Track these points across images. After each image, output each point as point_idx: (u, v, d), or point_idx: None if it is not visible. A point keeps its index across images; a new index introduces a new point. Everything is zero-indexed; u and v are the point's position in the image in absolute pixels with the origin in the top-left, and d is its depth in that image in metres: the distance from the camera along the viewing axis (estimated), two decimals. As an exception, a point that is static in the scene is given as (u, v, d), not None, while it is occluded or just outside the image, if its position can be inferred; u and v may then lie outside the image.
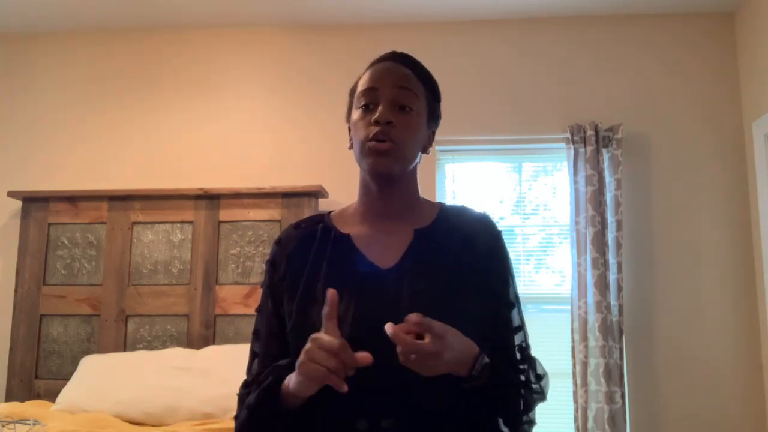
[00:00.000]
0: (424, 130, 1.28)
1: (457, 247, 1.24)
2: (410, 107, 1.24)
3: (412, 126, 1.24)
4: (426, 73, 1.32)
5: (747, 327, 3.36)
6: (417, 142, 1.26)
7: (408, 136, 1.23)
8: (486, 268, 1.24)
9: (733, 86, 3.55)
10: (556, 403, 3.41)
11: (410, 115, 1.24)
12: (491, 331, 1.22)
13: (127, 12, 3.66)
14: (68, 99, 3.83)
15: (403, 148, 1.22)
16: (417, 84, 1.27)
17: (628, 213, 3.47)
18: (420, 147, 1.29)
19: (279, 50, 3.78)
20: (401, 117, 1.22)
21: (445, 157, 3.65)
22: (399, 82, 1.25)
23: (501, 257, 1.27)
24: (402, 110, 1.23)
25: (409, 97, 1.24)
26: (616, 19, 3.65)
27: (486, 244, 1.26)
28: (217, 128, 3.72)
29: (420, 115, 1.26)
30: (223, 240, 3.46)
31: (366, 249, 1.25)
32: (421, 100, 1.26)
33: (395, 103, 1.23)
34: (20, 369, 3.42)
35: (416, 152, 1.27)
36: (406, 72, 1.28)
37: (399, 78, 1.26)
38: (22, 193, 3.55)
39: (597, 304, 3.24)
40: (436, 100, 1.32)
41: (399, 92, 1.24)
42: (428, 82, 1.31)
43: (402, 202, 1.29)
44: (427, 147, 1.32)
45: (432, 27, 3.72)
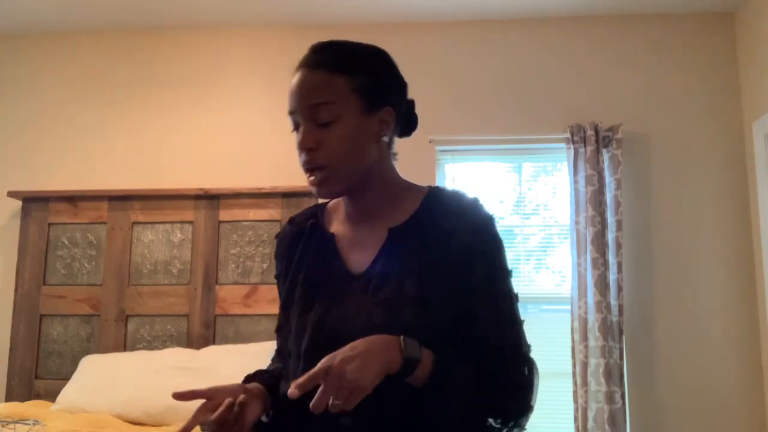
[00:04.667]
0: (364, 124, 1.15)
1: (432, 246, 1.16)
2: (331, 119, 1.13)
3: (340, 138, 1.13)
4: (347, 60, 1.17)
5: (747, 327, 3.36)
6: (355, 148, 1.15)
7: (337, 152, 1.13)
8: (463, 269, 1.15)
9: (733, 86, 3.55)
10: (556, 403, 3.41)
11: (335, 128, 1.13)
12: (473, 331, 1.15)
13: (127, 12, 3.66)
14: (68, 99, 3.83)
15: (336, 166, 1.14)
16: (335, 83, 1.14)
17: (628, 213, 3.47)
18: (366, 146, 1.16)
19: (279, 50, 3.77)
20: (325, 134, 1.13)
21: (445, 157, 3.65)
22: (309, 99, 1.14)
23: (483, 252, 1.17)
24: (324, 126, 1.13)
25: (326, 109, 1.13)
26: (616, 19, 3.65)
27: (464, 241, 1.16)
28: (217, 128, 3.72)
29: (348, 117, 1.14)
30: (223, 240, 3.46)
31: (347, 250, 1.22)
32: (345, 98, 1.14)
33: (315, 122, 1.13)
34: (20, 369, 3.42)
35: (359, 156, 1.16)
36: (317, 79, 1.14)
37: (308, 94, 1.14)
38: (22, 193, 3.55)
39: (597, 304, 3.24)
40: (372, 78, 1.17)
41: (313, 110, 1.13)
42: (352, 68, 1.16)
43: (375, 202, 1.22)
44: (380, 134, 1.18)
45: (432, 27, 3.72)
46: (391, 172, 1.24)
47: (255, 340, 3.29)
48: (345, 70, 1.15)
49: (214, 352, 3.18)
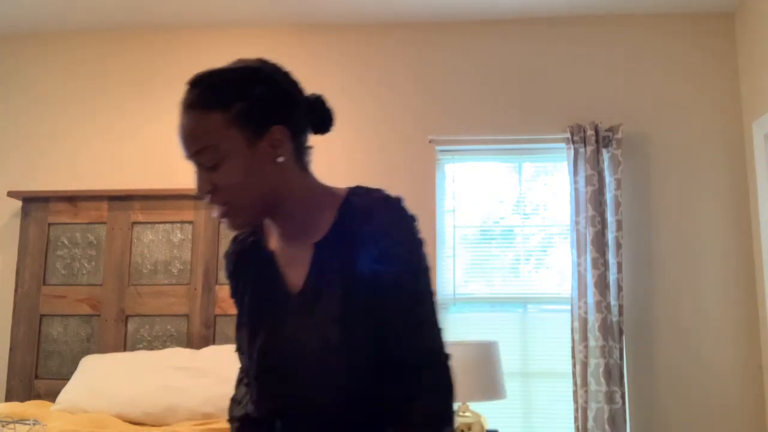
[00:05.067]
0: (253, 154, 1.10)
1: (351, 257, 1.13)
2: (217, 161, 1.08)
3: (231, 177, 1.09)
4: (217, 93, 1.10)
5: (747, 327, 3.36)
6: (251, 181, 1.10)
7: (233, 190, 1.09)
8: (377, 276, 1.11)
9: (733, 86, 3.55)
10: (556, 403, 3.41)
11: (224, 168, 1.09)
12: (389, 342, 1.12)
13: (126, 12, 3.66)
14: (68, 99, 3.83)
15: (237, 203, 1.10)
16: (210, 123, 1.08)
17: (628, 213, 3.47)
18: (263, 174, 1.11)
19: (278, 50, 3.78)
20: (215, 176, 1.09)
21: (445, 157, 3.65)
22: (190, 147, 1.10)
23: (392, 255, 1.11)
24: (212, 168, 1.09)
25: (208, 154, 1.08)
26: (616, 19, 3.66)
27: (376, 245, 1.11)
28: (217, 128, 3.72)
29: (234, 153, 1.08)
30: (223, 240, 3.46)
31: (285, 268, 1.20)
32: (224, 136, 1.08)
33: (203, 167, 1.10)
34: (20, 369, 3.42)
35: (258, 187, 1.11)
36: (193, 123, 1.09)
37: (188, 142, 1.10)
38: (22, 193, 3.55)
39: (597, 304, 3.24)
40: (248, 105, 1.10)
41: (197, 157, 1.10)
42: (224, 100, 1.09)
43: (295, 221, 1.17)
44: (274, 157, 1.12)
45: (432, 27, 3.72)
46: (304, 186, 1.17)
47: (255, 340, 3.28)
48: (217, 105, 1.09)
49: (214, 352, 3.18)
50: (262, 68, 1.16)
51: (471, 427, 2.95)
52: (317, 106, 1.22)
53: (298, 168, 1.17)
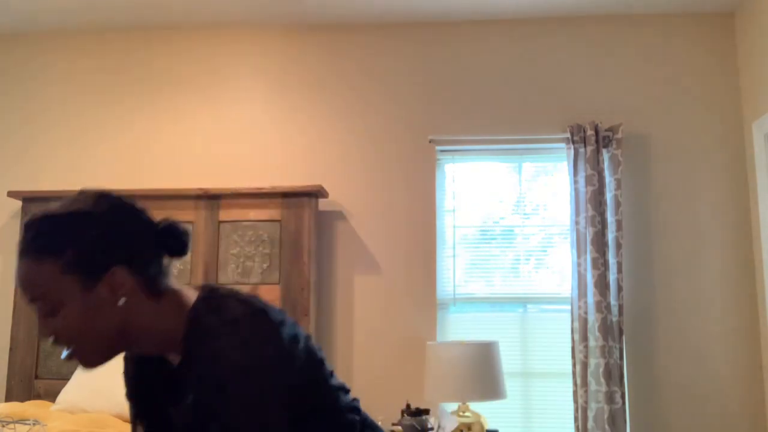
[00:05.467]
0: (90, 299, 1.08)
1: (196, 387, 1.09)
2: (53, 308, 1.07)
3: (69, 323, 1.07)
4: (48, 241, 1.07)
5: (747, 327, 3.36)
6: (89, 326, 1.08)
7: (73, 336, 1.08)
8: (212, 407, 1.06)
9: (733, 86, 3.55)
10: (556, 403, 3.41)
11: (61, 314, 1.07)
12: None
13: (126, 12, 3.66)
14: (68, 99, 3.83)
15: (80, 347, 1.09)
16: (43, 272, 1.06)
17: (628, 213, 3.47)
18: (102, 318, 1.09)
19: (279, 50, 3.78)
20: (54, 321, 1.07)
21: (445, 157, 3.65)
22: (26, 295, 1.08)
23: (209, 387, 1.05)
24: (52, 314, 1.07)
25: (44, 302, 1.07)
26: (616, 19, 3.66)
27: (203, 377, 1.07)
28: (217, 128, 3.73)
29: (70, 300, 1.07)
30: (223, 240, 3.46)
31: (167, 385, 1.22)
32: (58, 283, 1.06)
33: (40, 312, 1.08)
34: (20, 369, 3.42)
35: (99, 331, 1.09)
36: (26, 271, 1.07)
37: (23, 290, 1.08)
38: (22, 193, 3.55)
39: (597, 304, 3.24)
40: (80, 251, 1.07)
41: (34, 305, 1.08)
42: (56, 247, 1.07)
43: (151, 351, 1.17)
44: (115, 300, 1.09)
45: (432, 27, 3.72)
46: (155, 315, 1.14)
47: (255, 340, 3.28)
48: (49, 253, 1.06)
49: (214, 352, 3.18)
50: (94, 211, 1.10)
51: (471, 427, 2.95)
52: (168, 234, 1.18)
53: (148, 298, 1.13)
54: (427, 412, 2.94)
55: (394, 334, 3.47)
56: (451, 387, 2.96)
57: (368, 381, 3.45)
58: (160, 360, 1.24)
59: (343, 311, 3.51)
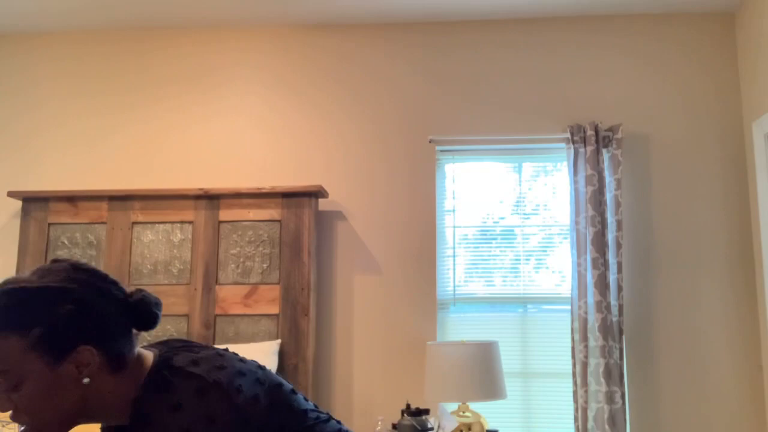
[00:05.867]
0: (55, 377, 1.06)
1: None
2: (15, 384, 1.04)
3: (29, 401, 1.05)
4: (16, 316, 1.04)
5: (747, 327, 3.36)
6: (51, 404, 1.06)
7: (33, 413, 1.05)
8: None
9: (733, 86, 3.55)
10: (556, 403, 3.41)
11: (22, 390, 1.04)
12: None
13: (126, 12, 3.66)
14: (68, 99, 3.83)
15: (40, 425, 1.06)
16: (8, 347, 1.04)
17: (628, 213, 3.47)
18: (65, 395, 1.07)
19: (279, 50, 3.78)
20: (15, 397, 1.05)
21: (445, 157, 3.65)
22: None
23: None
24: (13, 389, 1.04)
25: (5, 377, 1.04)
26: (615, 19, 3.66)
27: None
28: (217, 128, 3.73)
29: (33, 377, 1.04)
30: (223, 240, 3.46)
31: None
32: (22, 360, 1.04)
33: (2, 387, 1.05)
34: (20, 369, 3.42)
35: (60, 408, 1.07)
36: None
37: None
38: (22, 193, 3.55)
39: (597, 304, 3.24)
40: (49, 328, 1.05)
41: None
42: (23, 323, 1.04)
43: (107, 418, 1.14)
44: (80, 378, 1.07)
45: (432, 27, 3.72)
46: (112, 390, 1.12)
47: (255, 340, 3.29)
48: (15, 329, 1.04)
49: (214, 352, 3.18)
50: (67, 287, 1.08)
51: (471, 427, 2.95)
52: (139, 308, 1.16)
53: (111, 373, 1.11)
54: (427, 412, 2.94)
55: (394, 334, 3.47)
56: (451, 387, 2.96)
57: (368, 381, 3.45)
58: None
59: (343, 311, 3.51)
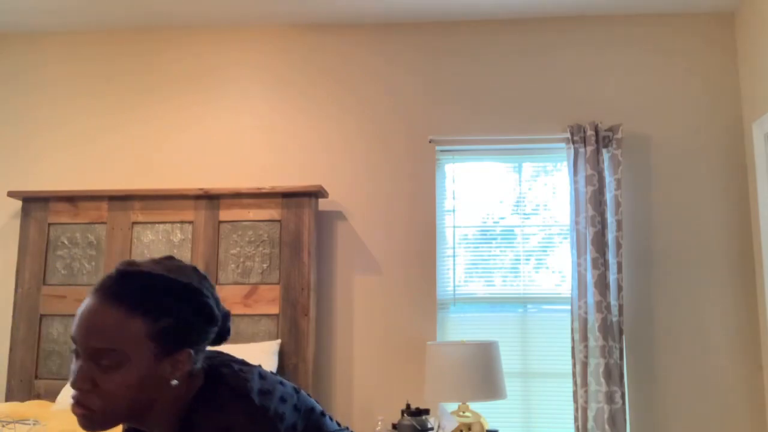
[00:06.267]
0: (154, 370, 1.05)
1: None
2: (115, 366, 1.02)
3: (120, 386, 1.02)
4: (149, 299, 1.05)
5: (747, 327, 3.36)
6: (137, 397, 1.04)
7: (113, 399, 1.02)
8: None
9: (733, 86, 3.55)
10: (556, 403, 3.41)
11: (117, 374, 1.02)
12: None
13: (126, 12, 3.66)
14: (68, 99, 3.83)
15: (106, 412, 1.02)
16: (129, 328, 1.02)
17: (628, 213, 3.47)
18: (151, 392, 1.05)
19: (279, 50, 3.78)
20: (104, 377, 1.02)
21: (445, 157, 3.65)
22: (94, 341, 1.02)
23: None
24: (106, 369, 1.02)
25: (110, 356, 1.02)
26: (616, 19, 3.66)
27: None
28: (217, 128, 3.73)
29: (137, 364, 1.03)
30: (223, 240, 3.46)
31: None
32: (136, 344, 1.03)
33: (95, 363, 1.02)
34: (20, 369, 3.42)
35: (138, 404, 1.05)
36: (109, 319, 1.02)
37: (94, 335, 1.02)
38: (22, 193, 3.55)
39: (597, 304, 3.24)
40: (174, 322, 1.06)
41: (95, 354, 1.02)
42: (154, 309, 1.05)
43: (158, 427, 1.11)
44: (170, 378, 1.07)
45: (432, 27, 3.72)
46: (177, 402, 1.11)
47: (255, 339, 3.29)
48: (144, 311, 1.04)
49: (214, 352, 3.18)
50: (198, 290, 1.11)
51: (471, 427, 2.95)
52: (224, 323, 1.17)
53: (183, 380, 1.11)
54: (427, 412, 2.94)
55: (394, 334, 3.47)
56: (451, 387, 2.96)
57: (368, 381, 3.45)
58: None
59: (343, 311, 3.51)
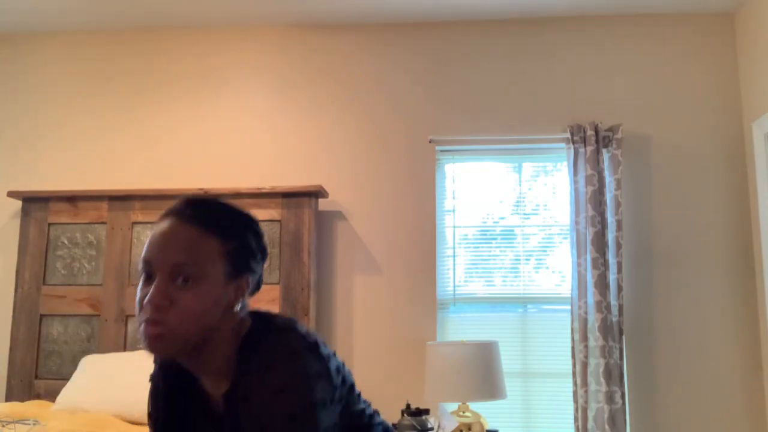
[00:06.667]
0: (223, 291, 1.11)
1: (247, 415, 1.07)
2: (194, 279, 1.08)
3: (197, 301, 1.07)
4: (222, 221, 1.13)
5: (747, 327, 3.36)
6: (206, 314, 1.09)
7: (187, 315, 1.07)
8: None
9: (733, 86, 3.55)
10: (556, 403, 3.41)
11: (195, 288, 1.08)
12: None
13: (126, 12, 3.66)
14: (68, 99, 3.83)
15: (181, 329, 1.07)
16: (206, 244, 1.09)
17: (628, 213, 3.47)
18: (217, 313, 1.10)
19: (279, 50, 3.78)
20: (181, 293, 1.07)
21: (445, 157, 3.65)
22: (175, 255, 1.07)
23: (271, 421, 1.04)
24: (184, 284, 1.07)
25: (189, 270, 1.07)
26: (616, 19, 3.66)
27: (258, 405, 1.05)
28: (217, 128, 3.73)
29: (211, 281, 1.09)
30: (223, 240, 3.46)
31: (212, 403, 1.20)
32: (212, 261, 1.09)
33: (174, 277, 1.07)
34: (20, 369, 3.42)
35: (207, 323, 1.09)
36: (188, 235, 1.09)
37: (175, 250, 1.08)
38: (22, 193, 3.55)
39: (597, 304, 3.24)
40: (242, 245, 1.14)
41: (175, 268, 1.07)
42: (226, 231, 1.13)
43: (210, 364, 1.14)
44: (234, 303, 1.13)
45: (432, 27, 3.72)
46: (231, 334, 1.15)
47: (255, 340, 3.28)
48: (219, 232, 1.11)
49: (214, 352, 3.18)
50: (255, 220, 1.21)
51: (471, 427, 2.95)
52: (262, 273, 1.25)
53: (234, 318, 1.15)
54: (427, 412, 2.94)
55: (395, 334, 3.47)
56: (451, 387, 2.96)
57: (368, 381, 3.45)
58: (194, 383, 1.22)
59: (343, 311, 3.51)
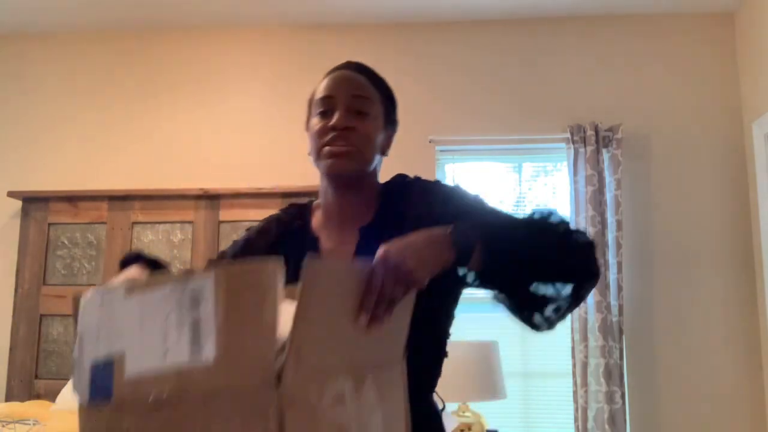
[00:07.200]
0: (382, 133, 1.32)
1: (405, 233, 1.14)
2: (367, 112, 1.28)
3: (370, 129, 1.28)
4: (381, 80, 1.35)
5: (747, 327, 3.36)
6: (375, 145, 1.30)
7: (365, 139, 1.27)
8: None
9: (733, 86, 3.55)
10: (556, 403, 3.41)
11: (367, 120, 1.28)
12: None
13: (128, 12, 3.66)
14: (68, 99, 3.83)
15: (362, 149, 1.27)
16: (372, 90, 1.31)
17: (628, 213, 3.47)
18: (378, 149, 1.32)
19: (279, 50, 3.78)
20: (358, 122, 1.26)
21: (445, 157, 3.65)
22: (354, 90, 1.29)
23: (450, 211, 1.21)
24: (359, 115, 1.27)
25: (365, 103, 1.28)
26: (616, 19, 3.66)
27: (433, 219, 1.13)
28: (217, 128, 3.72)
29: (377, 119, 1.30)
30: (223, 240, 3.46)
31: (327, 253, 1.29)
32: (377, 105, 1.30)
33: (352, 110, 1.27)
34: (20, 369, 3.42)
35: (374, 154, 1.31)
36: (361, 80, 1.31)
37: (354, 86, 1.29)
38: (22, 193, 3.55)
39: (597, 304, 3.24)
40: (392, 105, 1.36)
41: (355, 100, 1.28)
42: (383, 89, 1.34)
43: (354, 204, 1.32)
44: (385, 149, 1.36)
45: (432, 27, 3.72)
46: (375, 179, 1.37)
47: (255, 340, 3.28)
48: (379, 86, 1.32)
49: (214, 352, 3.18)
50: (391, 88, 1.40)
51: (471, 427, 2.95)
52: None
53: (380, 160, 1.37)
54: (427, 412, 2.93)
55: (394, 334, 3.47)
56: (451, 387, 2.96)
57: (368, 381, 3.44)
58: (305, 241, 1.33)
59: (343, 311, 3.51)
